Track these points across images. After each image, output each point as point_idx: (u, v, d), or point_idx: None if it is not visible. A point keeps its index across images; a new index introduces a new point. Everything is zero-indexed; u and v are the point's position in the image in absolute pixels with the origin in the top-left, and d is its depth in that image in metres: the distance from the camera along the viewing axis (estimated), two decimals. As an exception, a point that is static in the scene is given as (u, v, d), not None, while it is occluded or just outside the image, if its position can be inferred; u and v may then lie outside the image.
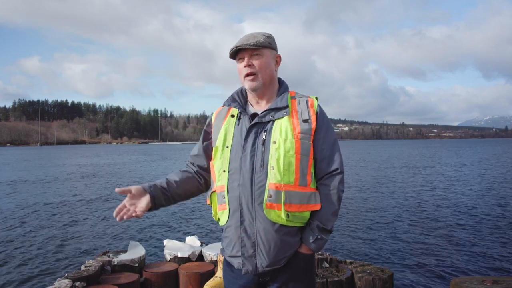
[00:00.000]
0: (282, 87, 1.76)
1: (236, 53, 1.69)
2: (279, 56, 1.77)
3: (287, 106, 1.66)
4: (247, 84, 1.68)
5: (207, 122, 1.85)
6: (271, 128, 1.63)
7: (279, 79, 1.80)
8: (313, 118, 1.65)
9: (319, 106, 1.70)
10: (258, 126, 1.65)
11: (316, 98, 1.74)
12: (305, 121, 1.64)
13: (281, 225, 1.58)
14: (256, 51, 1.66)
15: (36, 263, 6.28)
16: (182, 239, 4.29)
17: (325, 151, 1.66)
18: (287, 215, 1.57)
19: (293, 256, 1.63)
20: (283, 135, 1.60)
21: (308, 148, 1.62)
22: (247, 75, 1.67)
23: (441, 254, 6.48)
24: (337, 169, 1.65)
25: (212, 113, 1.84)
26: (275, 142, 1.60)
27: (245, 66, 1.67)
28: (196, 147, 1.87)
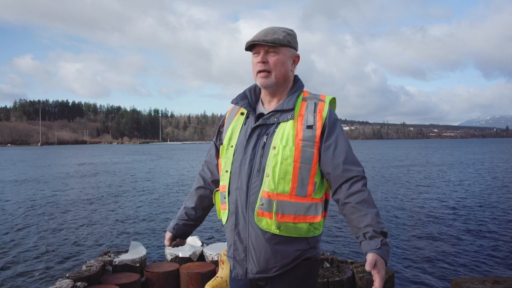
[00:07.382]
0: (295, 86, 1.67)
1: (252, 46, 1.62)
2: (298, 56, 1.68)
3: (293, 109, 1.58)
4: (259, 81, 1.62)
5: (221, 121, 1.81)
6: (274, 131, 1.56)
7: (295, 77, 1.71)
8: (318, 124, 1.55)
9: (329, 110, 1.59)
10: (261, 127, 1.60)
11: (334, 98, 1.65)
12: (309, 127, 1.54)
13: (274, 234, 1.51)
14: (272, 48, 1.58)
15: (37, 263, 6.29)
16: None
17: (337, 159, 1.52)
18: (279, 226, 1.50)
19: (291, 265, 1.54)
20: (283, 141, 1.52)
21: (310, 156, 1.53)
22: (260, 71, 1.60)
23: (442, 254, 6.48)
24: (357, 175, 1.52)
25: (227, 111, 1.80)
26: (274, 148, 1.53)
27: (258, 62, 1.59)
28: (211, 146, 1.85)
